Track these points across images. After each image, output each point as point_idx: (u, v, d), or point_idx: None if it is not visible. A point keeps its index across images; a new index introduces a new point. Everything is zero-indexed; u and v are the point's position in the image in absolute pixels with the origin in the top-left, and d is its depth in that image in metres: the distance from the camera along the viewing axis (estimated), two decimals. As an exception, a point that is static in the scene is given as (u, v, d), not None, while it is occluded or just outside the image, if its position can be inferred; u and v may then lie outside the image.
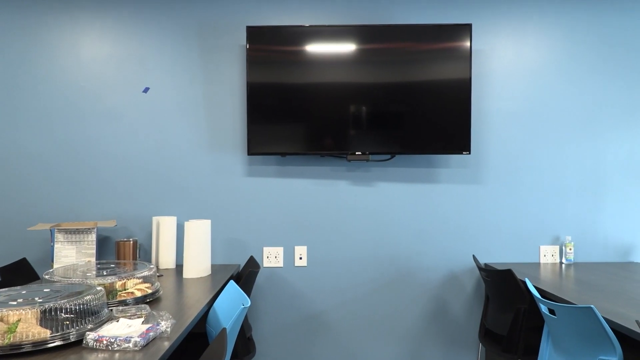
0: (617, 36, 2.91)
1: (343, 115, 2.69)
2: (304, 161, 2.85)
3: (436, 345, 2.86)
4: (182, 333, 1.52)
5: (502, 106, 2.88)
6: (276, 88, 2.68)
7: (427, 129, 2.69)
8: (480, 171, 2.88)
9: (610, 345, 1.61)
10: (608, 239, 2.90)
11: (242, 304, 1.75)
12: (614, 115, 2.91)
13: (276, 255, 2.83)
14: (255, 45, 2.67)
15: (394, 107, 2.69)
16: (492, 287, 2.43)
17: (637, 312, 1.79)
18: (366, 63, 2.68)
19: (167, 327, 1.48)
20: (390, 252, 2.86)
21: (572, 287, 2.21)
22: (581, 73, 2.90)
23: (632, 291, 2.11)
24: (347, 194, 2.85)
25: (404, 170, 2.87)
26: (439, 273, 2.87)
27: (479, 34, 2.88)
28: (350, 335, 2.85)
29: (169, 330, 1.48)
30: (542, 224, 2.88)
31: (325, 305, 2.85)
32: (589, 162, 2.90)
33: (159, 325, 1.47)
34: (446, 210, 2.87)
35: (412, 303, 2.86)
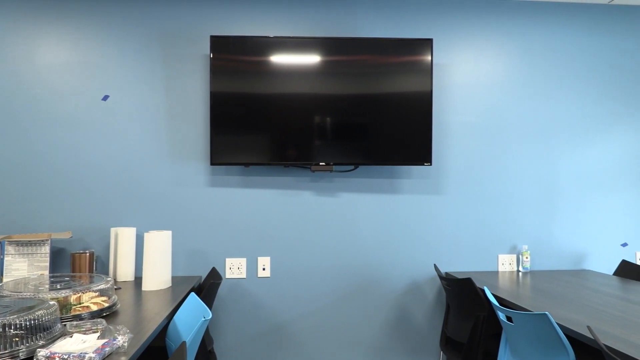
0: (571, 54, 3.04)
1: (307, 126, 2.70)
2: (268, 171, 2.84)
3: (399, 353, 2.89)
4: (140, 347, 1.48)
5: (462, 119, 2.96)
6: (240, 98, 2.66)
7: (390, 140, 2.74)
8: (441, 182, 2.94)
9: (564, 350, 1.66)
10: (562, 248, 3.01)
11: (203, 317, 1.72)
12: (567, 129, 3.03)
13: (239, 266, 2.80)
14: (219, 54, 2.65)
15: (358, 118, 2.72)
16: (452, 296, 2.48)
17: (589, 317, 1.86)
18: (331, 75, 2.71)
19: (124, 341, 1.44)
20: (354, 261, 2.88)
21: (528, 295, 2.27)
22: (537, 88, 3.02)
23: (584, 297, 2.19)
24: (311, 204, 2.86)
25: (367, 181, 2.90)
26: (401, 282, 2.90)
27: (440, 49, 2.96)
28: (314, 345, 2.84)
29: (126, 344, 1.44)
30: (500, 233, 2.97)
31: (288, 316, 2.83)
32: (544, 174, 3.01)
33: (116, 340, 1.43)
34: (408, 220, 2.91)
35: (375, 312, 2.88)
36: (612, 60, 3.08)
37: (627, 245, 3.06)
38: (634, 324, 1.76)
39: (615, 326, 1.74)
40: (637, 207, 3.07)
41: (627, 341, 1.57)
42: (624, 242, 3.06)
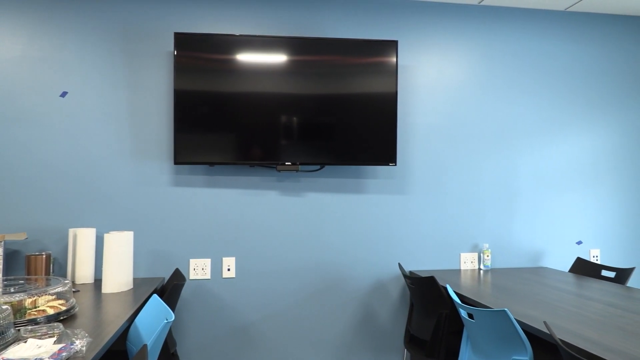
0: (529, 58, 3.14)
1: (273, 125, 2.69)
2: (233, 171, 2.81)
3: (364, 352, 2.91)
4: (99, 352, 1.43)
5: (426, 120, 3.01)
6: (205, 96, 2.63)
7: (356, 140, 2.76)
8: (405, 182, 2.98)
9: (522, 345, 1.71)
10: (521, 246, 3.10)
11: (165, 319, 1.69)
12: (525, 131, 3.13)
13: (203, 267, 2.76)
14: (183, 52, 2.61)
15: (324, 118, 2.73)
16: (416, 294, 2.52)
17: (545, 313, 1.92)
18: (297, 74, 2.70)
19: (82, 345, 1.39)
20: (320, 261, 2.88)
21: (489, 292, 2.33)
22: (497, 91, 3.10)
23: (542, 294, 2.27)
24: (277, 204, 2.85)
25: (333, 181, 2.91)
26: (366, 281, 2.93)
27: (405, 51, 3.00)
28: (280, 345, 2.83)
29: (85, 349, 1.40)
30: (462, 232, 3.03)
31: (254, 316, 2.81)
32: (503, 174, 3.10)
33: (73, 344, 1.38)
34: (374, 220, 2.94)
35: (341, 311, 2.90)
36: (567, 65, 3.19)
37: (582, 243, 3.18)
38: (588, 319, 1.83)
39: (570, 321, 1.81)
40: (591, 207, 3.20)
41: (581, 335, 1.63)
42: (579, 240, 3.18)
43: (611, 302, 2.09)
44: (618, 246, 3.23)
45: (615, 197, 3.23)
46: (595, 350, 1.47)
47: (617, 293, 2.27)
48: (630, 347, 1.51)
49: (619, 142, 3.25)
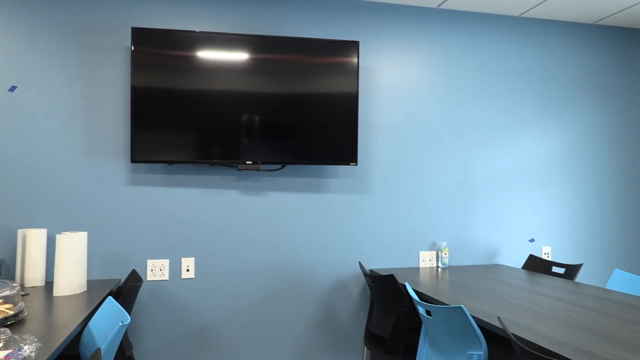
0: (484, 62, 3.23)
1: (234, 124, 2.66)
2: (193, 170, 2.77)
3: (324, 350, 2.92)
4: (49, 357, 1.38)
5: (386, 120, 3.06)
6: (164, 93, 2.57)
7: (317, 140, 2.76)
8: (366, 181, 3.01)
9: (478, 341, 1.76)
10: (477, 244, 3.19)
11: (121, 321, 1.64)
12: (482, 133, 3.22)
13: (161, 267, 2.70)
14: (141, 47, 2.54)
15: (286, 117, 2.72)
16: (376, 292, 2.55)
17: (500, 309, 1.98)
18: (258, 73, 2.68)
19: (32, 351, 1.34)
20: (281, 261, 2.87)
21: (446, 289, 2.39)
22: (455, 93, 3.18)
23: (496, 290, 2.34)
24: (238, 203, 2.82)
25: (295, 180, 2.91)
26: (327, 280, 2.94)
27: (366, 51, 3.03)
28: (240, 345, 2.80)
29: (34, 354, 1.34)
30: (421, 231, 3.09)
31: (214, 317, 2.77)
32: (461, 174, 3.18)
33: (21, 350, 1.32)
34: (335, 219, 2.96)
35: (301, 310, 2.90)
36: (521, 70, 3.31)
37: (534, 241, 3.31)
38: (539, 314, 1.90)
39: (522, 316, 1.87)
40: (542, 206, 3.33)
41: (532, 329, 1.69)
42: (532, 238, 3.30)
43: (560, 297, 2.18)
44: (567, 243, 3.37)
45: (565, 197, 3.37)
46: (545, 343, 1.53)
47: (566, 288, 2.37)
48: (576, 339, 1.58)
49: (569, 145, 3.39)
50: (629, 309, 1.97)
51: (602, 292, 2.27)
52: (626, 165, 3.51)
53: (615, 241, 3.46)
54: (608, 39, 3.50)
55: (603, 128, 3.47)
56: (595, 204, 3.43)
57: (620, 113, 3.51)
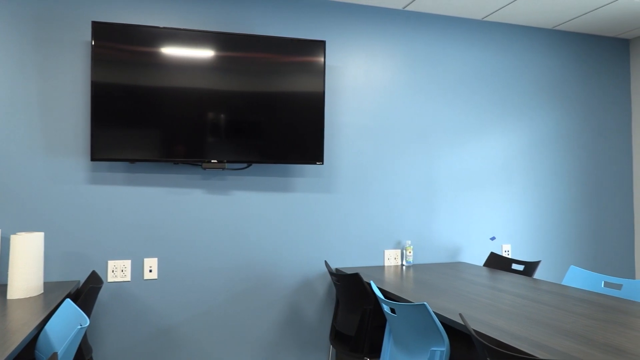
0: (448, 63, 3.30)
1: (199, 122, 2.62)
2: (156, 168, 2.71)
3: (290, 349, 2.92)
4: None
5: (352, 120, 3.07)
6: (126, 90, 2.51)
7: (284, 139, 2.75)
8: (332, 180, 3.03)
9: (440, 337, 1.80)
10: (441, 242, 3.25)
11: (79, 324, 1.59)
12: (445, 133, 3.28)
13: (123, 268, 2.63)
14: (102, 42, 2.47)
15: (252, 116, 2.70)
16: (341, 291, 2.56)
17: (461, 305, 2.03)
18: (224, 70, 2.65)
19: (-18, 357, 1.28)
20: (246, 260, 2.85)
21: (410, 287, 2.42)
22: (420, 94, 3.23)
23: (459, 287, 2.39)
24: (202, 202, 2.78)
25: (261, 179, 2.89)
26: (293, 279, 2.93)
27: (333, 51, 3.04)
28: (205, 347, 2.76)
29: (-15, 360, 1.28)
30: (386, 229, 3.13)
31: (178, 318, 2.72)
32: (424, 174, 3.23)
33: (-28, 355, 1.27)
34: (301, 218, 2.96)
35: (267, 310, 2.88)
36: (483, 72, 3.39)
37: (495, 239, 3.40)
38: (499, 310, 1.96)
39: (483, 312, 1.92)
40: (503, 205, 3.42)
41: (492, 325, 1.74)
42: (493, 236, 3.39)
43: (519, 294, 2.25)
44: (526, 241, 3.48)
45: (524, 196, 3.48)
46: (504, 339, 1.58)
47: (525, 285, 2.45)
48: (534, 334, 1.63)
49: (528, 145, 3.50)
50: (583, 303, 2.04)
51: (559, 288, 2.36)
52: (581, 165, 3.65)
53: (571, 239, 3.60)
54: (565, 44, 3.63)
55: (559, 129, 3.59)
56: (552, 203, 3.55)
57: (575, 115, 3.64)
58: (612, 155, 3.75)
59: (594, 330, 1.66)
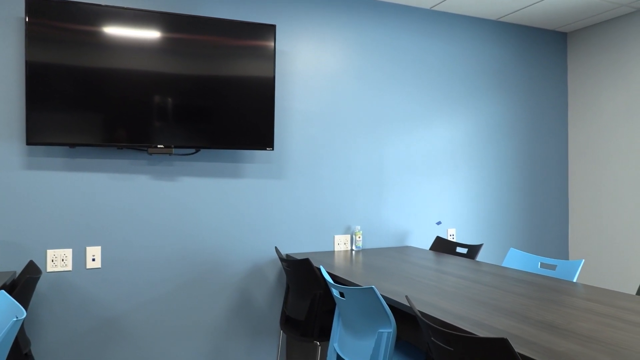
0: (397, 52, 3.34)
1: (144, 105, 2.53)
2: (99, 153, 2.60)
3: (241, 336, 2.91)
4: None
5: (303, 106, 3.07)
6: (65, 70, 2.38)
7: (233, 124, 2.71)
8: (282, 166, 3.01)
9: (387, 319, 1.84)
10: (389, 227, 3.32)
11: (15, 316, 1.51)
12: (394, 120, 3.34)
13: (63, 257, 2.52)
14: (38, 19, 2.33)
15: (200, 100, 2.64)
16: (292, 276, 2.57)
17: (408, 288, 2.09)
18: (172, 53, 2.57)
19: None
20: (195, 247, 2.80)
21: (359, 271, 2.47)
22: (370, 81, 3.26)
23: (405, 271, 2.46)
24: (148, 189, 2.70)
25: (209, 165, 2.84)
26: (243, 266, 2.92)
27: (284, 36, 3.01)
28: (153, 335, 2.71)
29: None
30: (336, 215, 3.16)
31: (123, 308, 2.65)
32: (374, 160, 3.28)
33: None
34: (250, 205, 2.93)
35: (216, 298, 2.85)
36: (429, 61, 3.46)
37: (441, 224, 3.51)
38: (444, 292, 2.03)
39: (428, 294, 1.98)
40: (449, 191, 3.53)
41: (437, 306, 1.80)
42: (439, 221, 3.50)
43: (463, 276, 2.34)
44: (470, 225, 3.61)
45: (469, 182, 3.61)
46: (448, 318, 1.64)
47: (468, 267, 2.55)
48: (475, 313, 1.70)
49: (472, 133, 3.62)
50: (521, 283, 2.15)
51: (499, 269, 2.47)
52: (522, 152, 3.82)
53: (511, 222, 3.77)
54: (508, 35, 3.76)
55: (502, 117, 3.74)
56: (494, 188, 3.70)
57: (516, 104, 3.80)
58: (550, 142, 3.94)
59: (530, 308, 1.76)
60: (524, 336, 1.44)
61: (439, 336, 1.40)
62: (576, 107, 3.97)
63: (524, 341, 1.39)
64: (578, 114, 3.96)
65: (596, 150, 3.82)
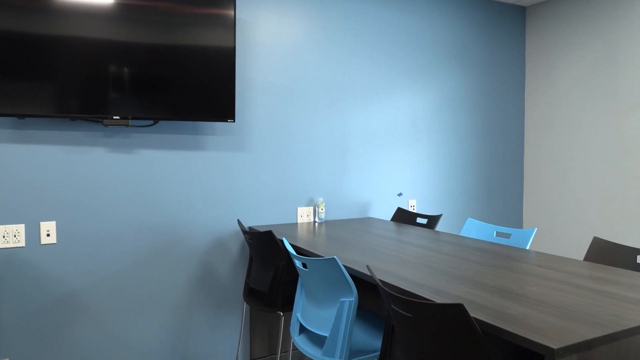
0: (361, 23, 3.31)
1: (99, 75, 2.42)
2: (50, 125, 2.49)
3: (204, 308, 2.91)
4: None
5: (264, 77, 3.01)
6: (10, 37, 2.24)
7: (193, 95, 2.64)
8: (244, 138, 2.97)
9: (349, 289, 1.88)
10: (351, 198, 3.36)
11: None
12: (356, 91, 3.33)
13: (15, 233, 2.43)
14: (-23, -21, 2.17)
15: (158, 70, 2.55)
16: (255, 249, 2.57)
17: (369, 258, 2.13)
18: (127, 20, 2.45)
19: None
20: (156, 221, 2.75)
21: (322, 243, 2.49)
22: (332, 52, 3.22)
23: (367, 241, 2.50)
24: (105, 162, 2.61)
25: (169, 137, 2.77)
26: (205, 239, 2.89)
27: (244, 4, 2.92)
28: (113, 311, 2.67)
29: None
30: (299, 187, 3.16)
31: (83, 283, 2.59)
32: (337, 132, 3.28)
33: None
34: (212, 177, 2.89)
35: (179, 270, 2.83)
36: (392, 33, 3.45)
37: (402, 195, 3.57)
38: (404, 261, 2.08)
39: (389, 263, 2.03)
40: (410, 162, 3.59)
41: (397, 275, 1.84)
42: (400, 192, 3.56)
43: (422, 245, 2.40)
44: (431, 196, 3.69)
45: (429, 154, 3.67)
46: (407, 287, 1.68)
47: (428, 237, 2.62)
48: (434, 281, 1.75)
49: (434, 105, 3.66)
50: (477, 252, 2.23)
51: (457, 239, 2.55)
52: (481, 124, 3.90)
53: (469, 193, 3.88)
54: (469, 9, 3.78)
55: (461, 90, 3.79)
56: (453, 160, 3.79)
57: (477, 77, 3.86)
58: (508, 114, 4.04)
59: (485, 275, 1.83)
60: (479, 301, 1.50)
61: (398, 303, 1.44)
62: (533, 79, 4.08)
63: (479, 306, 1.45)
64: (534, 86, 4.07)
65: (550, 122, 3.95)
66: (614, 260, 2.08)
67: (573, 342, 1.17)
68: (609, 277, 1.76)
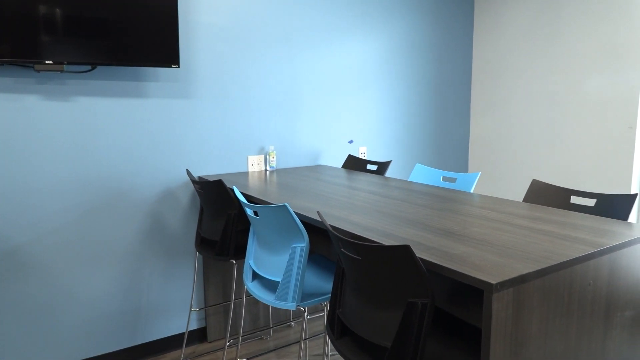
0: (309, -39, 3.18)
1: (28, 15, 2.22)
2: (-26, 70, 2.29)
3: (155, 260, 2.88)
4: None
5: (210, 19, 2.87)
6: None
7: (134, 39, 2.49)
8: (190, 85, 2.86)
9: (300, 235, 1.90)
10: (303, 146, 3.35)
11: None
12: (306, 37, 3.25)
13: (-56, 188, 2.28)
14: None
15: (95, 11, 2.37)
16: (205, 198, 2.54)
17: (320, 204, 2.15)
18: (50, -48, 2.24)
19: None
20: (98, 173, 2.65)
21: (273, 190, 2.49)
22: (280, -7, 3.10)
23: (317, 188, 2.52)
24: (38, 110, 2.45)
25: (109, 84, 2.62)
26: (153, 190, 2.82)
27: (183, -62, 2.73)
28: (60, 266, 2.60)
29: None
30: (249, 135, 3.11)
31: (25, 238, 2.48)
32: (287, 79, 3.21)
33: None
34: (157, 126, 2.79)
35: (127, 224, 2.77)
36: (344, -27, 3.35)
37: (353, 142, 3.59)
38: (354, 206, 2.12)
39: (340, 209, 2.06)
40: (360, 109, 3.59)
41: (348, 220, 1.88)
42: (350, 140, 3.58)
43: (373, 191, 2.44)
44: (381, 143, 3.74)
45: (379, 101, 3.68)
46: (357, 231, 1.72)
47: (378, 183, 2.67)
48: (383, 225, 1.80)
49: (384, 51, 3.64)
50: (425, 196, 2.30)
51: (406, 184, 2.61)
52: (429, 71, 3.93)
53: (417, 140, 3.95)
54: (420, -50, 3.70)
55: (412, 37, 3.78)
56: (403, 107, 3.82)
57: (427, 24, 3.84)
58: (456, 62, 4.08)
59: (431, 217, 1.89)
60: (425, 242, 1.56)
61: (348, 247, 1.47)
62: (481, 26, 4.11)
63: (425, 247, 1.51)
64: (482, 33, 4.11)
65: (496, 69, 4.03)
66: (551, 201, 2.20)
67: (509, 277, 1.24)
68: (545, 217, 1.87)
